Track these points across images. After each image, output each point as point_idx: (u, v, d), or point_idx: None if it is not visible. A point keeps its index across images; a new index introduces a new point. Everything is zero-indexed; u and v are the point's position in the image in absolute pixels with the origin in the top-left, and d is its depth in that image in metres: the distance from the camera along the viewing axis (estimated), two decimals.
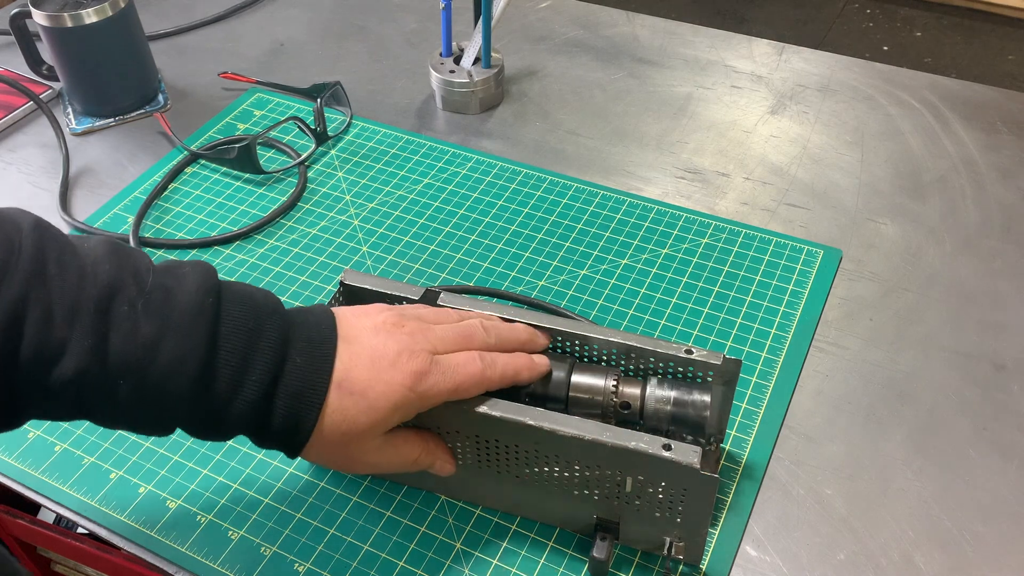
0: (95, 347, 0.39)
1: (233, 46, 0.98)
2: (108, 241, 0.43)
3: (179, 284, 0.42)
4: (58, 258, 0.40)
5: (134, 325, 0.40)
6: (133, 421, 0.43)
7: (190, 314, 0.42)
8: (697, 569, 0.52)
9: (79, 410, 0.41)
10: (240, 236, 0.74)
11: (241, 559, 0.53)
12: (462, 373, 0.47)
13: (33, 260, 0.39)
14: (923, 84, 0.89)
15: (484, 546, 0.54)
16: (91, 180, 0.82)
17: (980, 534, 0.53)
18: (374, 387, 0.45)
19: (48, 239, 0.41)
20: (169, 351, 0.41)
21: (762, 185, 0.78)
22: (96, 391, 0.40)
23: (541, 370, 0.50)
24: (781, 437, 0.58)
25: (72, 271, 0.40)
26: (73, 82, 0.86)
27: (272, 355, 0.43)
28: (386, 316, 0.48)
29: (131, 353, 0.40)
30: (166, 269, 0.43)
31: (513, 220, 0.75)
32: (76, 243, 0.42)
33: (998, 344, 0.64)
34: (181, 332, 0.41)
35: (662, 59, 0.94)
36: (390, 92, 0.91)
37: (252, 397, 0.43)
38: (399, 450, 0.49)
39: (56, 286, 0.39)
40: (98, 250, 0.42)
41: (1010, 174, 0.78)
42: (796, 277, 0.69)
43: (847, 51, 1.76)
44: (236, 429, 0.44)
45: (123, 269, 0.41)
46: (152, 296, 0.41)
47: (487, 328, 0.50)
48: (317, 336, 0.45)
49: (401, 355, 0.46)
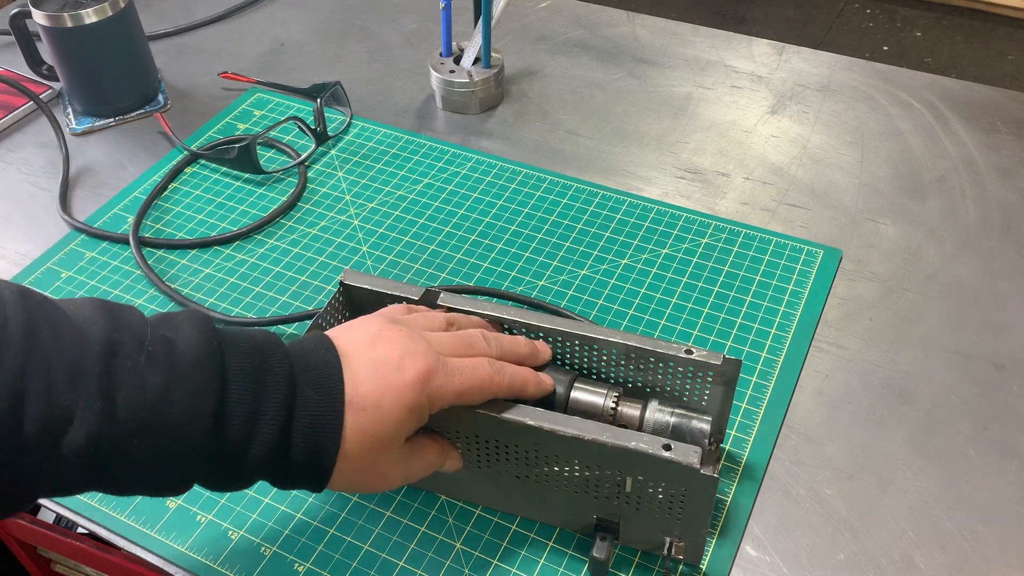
0: (104, 409, 0.38)
1: (233, 46, 0.98)
2: (93, 299, 0.42)
3: (178, 334, 0.41)
4: (50, 324, 0.38)
5: (140, 380, 0.39)
6: (150, 481, 0.41)
7: (196, 362, 0.40)
8: (697, 569, 0.52)
9: (93, 478, 0.40)
10: (240, 236, 0.74)
11: (241, 559, 0.53)
12: (471, 376, 0.46)
13: (24, 330, 0.37)
14: (923, 84, 0.89)
15: (484, 546, 0.54)
16: (91, 180, 0.82)
17: (980, 534, 0.53)
18: (385, 396, 0.44)
19: (35, 306, 0.39)
20: (180, 402, 0.39)
21: (762, 185, 0.78)
22: (110, 455, 0.39)
23: (546, 388, 0.50)
24: (781, 437, 0.58)
25: (67, 335, 0.38)
26: (73, 82, 0.86)
27: (282, 392, 0.42)
28: (378, 325, 0.47)
29: (142, 409, 0.39)
30: (161, 320, 0.42)
31: (513, 220, 0.75)
32: (63, 305, 0.40)
33: (998, 344, 0.64)
34: (189, 382, 0.40)
35: (662, 59, 0.94)
36: (390, 92, 0.91)
37: (269, 438, 0.42)
38: (421, 456, 0.48)
39: (53, 352, 0.38)
40: (87, 309, 0.40)
41: (1010, 174, 0.78)
42: (796, 277, 0.69)
43: (847, 51, 1.76)
44: (256, 473, 0.43)
45: (117, 325, 0.40)
46: (154, 348, 0.40)
47: (488, 338, 0.50)
48: (320, 362, 0.44)
49: (404, 359, 0.45)
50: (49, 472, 0.38)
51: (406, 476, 0.48)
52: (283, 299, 0.69)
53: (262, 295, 0.69)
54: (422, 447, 0.49)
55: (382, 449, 0.45)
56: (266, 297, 0.69)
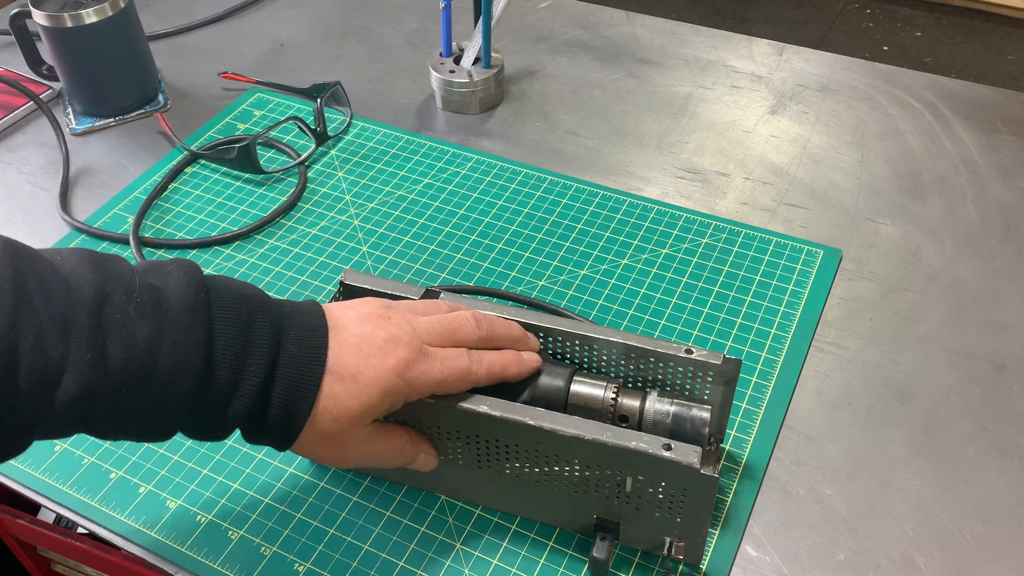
0: (95, 360, 0.39)
1: (233, 46, 0.98)
2: (81, 250, 0.42)
3: (167, 283, 0.42)
4: (38, 277, 0.39)
5: (130, 331, 0.40)
6: (136, 428, 0.42)
7: (184, 312, 0.41)
8: (697, 569, 0.52)
9: (83, 424, 0.41)
10: (240, 236, 0.74)
11: (241, 559, 0.53)
12: (449, 366, 0.47)
13: (13, 283, 0.38)
14: (923, 84, 0.89)
15: (484, 546, 0.54)
16: (91, 180, 0.82)
17: (980, 534, 0.53)
18: (364, 373, 0.45)
19: (23, 259, 0.39)
20: (169, 352, 0.40)
21: (762, 185, 0.78)
22: (100, 404, 0.39)
23: (531, 366, 0.50)
24: (781, 437, 0.58)
25: (55, 287, 0.39)
26: (73, 82, 0.86)
27: (267, 346, 0.43)
28: (372, 307, 0.48)
29: (132, 359, 0.39)
30: (150, 269, 0.43)
31: (513, 220, 0.75)
32: (50, 257, 0.41)
33: (998, 344, 0.64)
34: (179, 331, 0.41)
35: (662, 59, 0.94)
36: (390, 92, 0.91)
37: (251, 389, 0.43)
38: (386, 440, 0.49)
39: (42, 305, 0.38)
40: (74, 261, 0.41)
41: (1010, 174, 0.78)
42: (796, 277, 0.69)
43: (847, 51, 1.76)
44: (234, 424, 0.44)
45: (106, 275, 0.40)
46: (142, 298, 0.40)
47: (479, 319, 0.50)
48: (308, 324, 0.45)
49: (388, 342, 0.46)
50: (42, 421, 0.39)
51: (365, 455, 0.48)
52: (284, 299, 0.69)
53: None
54: (390, 432, 0.49)
55: (350, 422, 0.45)
56: None
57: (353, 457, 0.48)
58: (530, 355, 0.51)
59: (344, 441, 0.46)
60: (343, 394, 0.45)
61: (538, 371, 0.51)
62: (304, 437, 0.45)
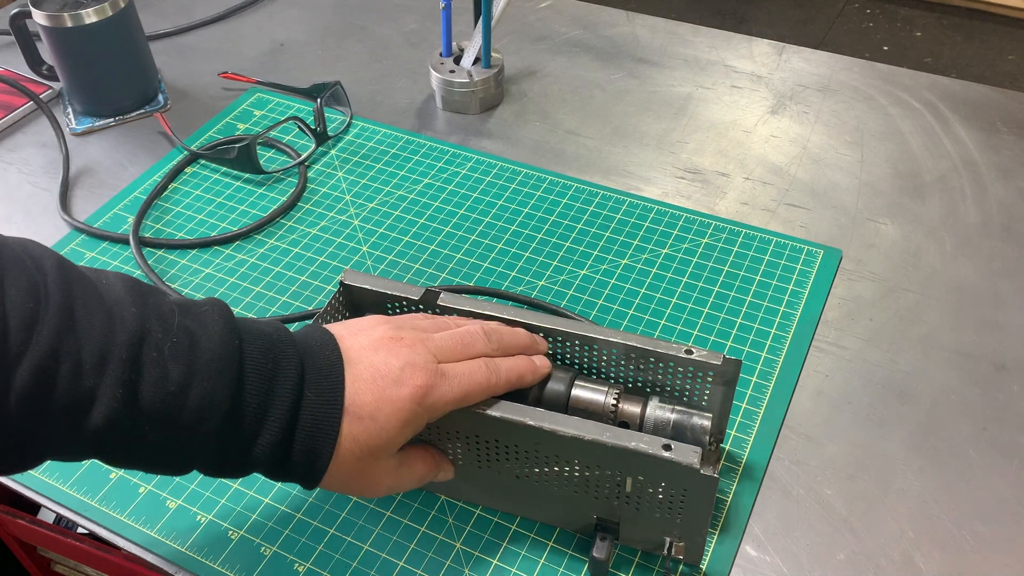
0: (125, 397, 0.39)
1: (233, 46, 0.98)
2: (125, 278, 0.42)
3: (202, 327, 0.42)
4: (84, 304, 0.39)
5: (163, 372, 0.40)
6: (153, 463, 0.42)
7: (217, 359, 0.41)
8: (697, 569, 0.52)
9: (99, 453, 0.41)
10: (240, 236, 0.74)
11: (241, 559, 0.53)
12: (468, 382, 0.47)
13: (61, 309, 0.38)
14: (923, 84, 0.89)
15: (484, 546, 0.54)
16: (91, 180, 0.82)
17: (980, 534, 0.53)
18: (382, 409, 0.45)
19: (74, 282, 0.40)
20: (197, 397, 0.40)
21: (762, 185, 0.78)
22: (123, 438, 0.40)
23: (543, 372, 0.51)
24: (781, 437, 0.58)
25: (98, 316, 0.39)
26: (73, 82, 0.86)
27: (290, 393, 0.43)
28: (383, 330, 0.47)
29: (161, 401, 0.40)
30: (186, 309, 0.43)
31: (513, 220, 0.75)
32: (95, 280, 0.41)
33: (998, 344, 0.64)
34: (209, 377, 0.41)
35: (662, 59, 0.94)
36: (390, 92, 0.91)
37: (273, 439, 0.43)
38: (412, 469, 0.49)
39: (85, 333, 0.38)
40: (119, 289, 0.41)
41: (1010, 174, 0.78)
42: (796, 277, 0.69)
43: (847, 51, 1.76)
44: (255, 467, 0.44)
45: (147, 311, 0.41)
46: (178, 339, 0.41)
47: (488, 333, 0.50)
48: (325, 365, 0.45)
49: (404, 370, 0.45)
50: (62, 447, 0.39)
51: (394, 486, 0.49)
52: (283, 299, 0.69)
53: (262, 295, 0.69)
54: (414, 460, 0.49)
55: (374, 458, 0.45)
56: (266, 297, 0.69)
57: (382, 488, 0.48)
58: (541, 360, 0.51)
59: (371, 475, 0.47)
60: (363, 434, 0.44)
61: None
62: (330, 476, 0.45)
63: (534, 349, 0.52)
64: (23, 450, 0.39)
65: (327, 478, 0.45)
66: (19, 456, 0.39)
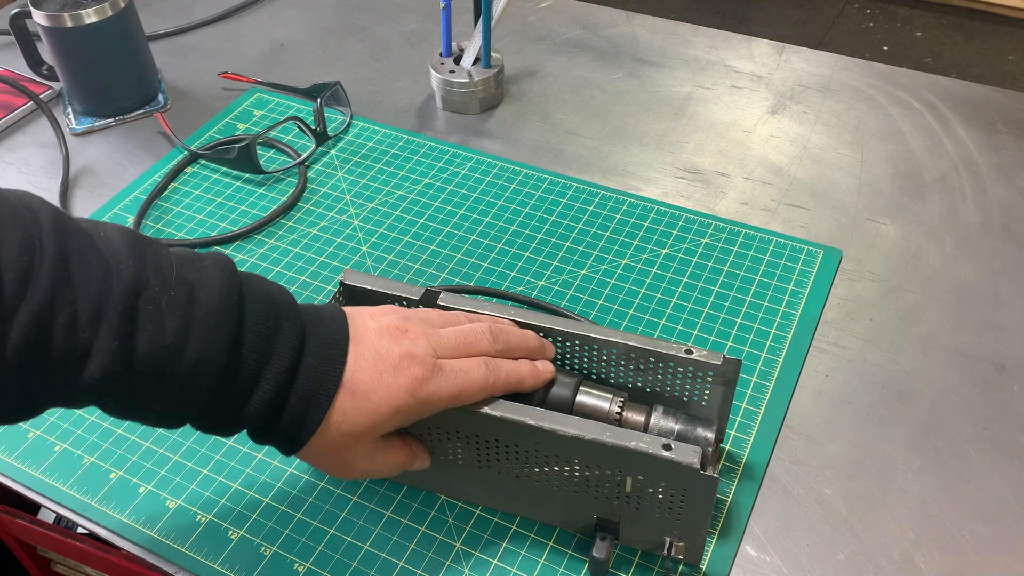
0: (121, 349, 0.39)
1: (233, 46, 0.98)
2: (123, 231, 0.42)
3: (202, 280, 0.42)
4: (80, 256, 0.39)
5: (159, 324, 0.40)
6: (148, 414, 0.43)
7: (215, 313, 0.41)
8: (697, 569, 0.52)
9: (97, 402, 0.41)
10: (240, 236, 0.74)
11: (241, 559, 0.53)
12: (464, 379, 0.47)
13: (56, 261, 0.38)
14: (923, 84, 0.89)
15: (484, 546, 0.54)
16: (91, 180, 0.82)
17: (980, 534, 0.53)
18: (376, 390, 0.45)
19: (69, 234, 0.40)
20: (194, 350, 0.41)
21: (762, 185, 0.78)
22: (119, 389, 0.40)
23: (545, 377, 0.50)
24: (781, 437, 0.58)
25: (95, 268, 0.39)
26: (73, 82, 0.86)
27: (288, 355, 0.44)
28: (391, 319, 0.48)
29: (157, 353, 0.40)
30: (186, 261, 0.43)
31: (513, 220, 0.75)
32: (93, 232, 0.41)
33: (998, 344, 0.64)
34: (206, 331, 0.41)
35: (662, 59, 0.94)
36: (390, 92, 0.91)
37: (267, 396, 0.43)
38: (387, 456, 0.49)
39: (80, 285, 0.38)
40: (116, 241, 0.41)
41: (1010, 174, 0.78)
42: (796, 277, 0.69)
43: (847, 51, 1.76)
44: (245, 424, 0.45)
45: (144, 264, 0.41)
46: (175, 292, 0.41)
47: (495, 333, 0.50)
48: (330, 336, 0.46)
49: (403, 359, 0.46)
50: (61, 395, 0.40)
51: (368, 471, 0.49)
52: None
53: None
54: (392, 448, 0.49)
55: (356, 437, 0.46)
56: None
57: (356, 470, 0.48)
58: (545, 365, 0.51)
59: (349, 454, 0.47)
60: (353, 410, 0.45)
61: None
62: (311, 446, 0.45)
63: (540, 353, 0.52)
64: (25, 398, 0.39)
65: (307, 448, 0.45)
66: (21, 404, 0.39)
